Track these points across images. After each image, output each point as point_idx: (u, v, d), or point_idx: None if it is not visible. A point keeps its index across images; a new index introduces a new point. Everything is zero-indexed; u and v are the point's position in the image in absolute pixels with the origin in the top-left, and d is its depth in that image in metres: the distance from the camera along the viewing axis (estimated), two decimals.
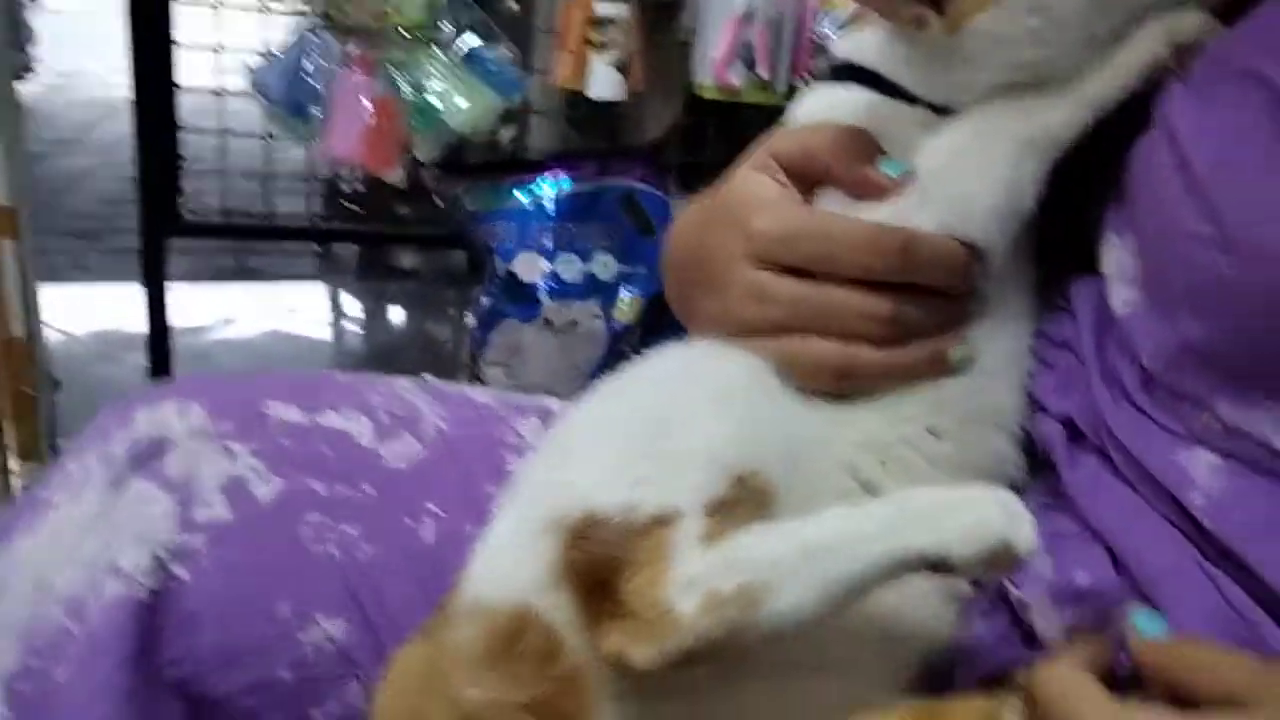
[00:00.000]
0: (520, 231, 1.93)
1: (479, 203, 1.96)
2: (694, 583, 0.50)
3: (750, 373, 0.63)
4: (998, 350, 0.64)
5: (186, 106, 2.09)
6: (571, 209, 1.94)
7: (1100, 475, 0.60)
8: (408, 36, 1.73)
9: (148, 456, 0.69)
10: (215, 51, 2.00)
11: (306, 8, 1.82)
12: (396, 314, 3.43)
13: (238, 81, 1.93)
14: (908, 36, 0.64)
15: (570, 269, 1.95)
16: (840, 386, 0.63)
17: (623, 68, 1.76)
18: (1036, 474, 0.65)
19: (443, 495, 0.72)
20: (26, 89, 5.56)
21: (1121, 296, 0.61)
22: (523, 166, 2.00)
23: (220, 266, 3.43)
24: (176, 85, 1.92)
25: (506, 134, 2.36)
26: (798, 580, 0.49)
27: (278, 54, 1.82)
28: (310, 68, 1.78)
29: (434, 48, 1.75)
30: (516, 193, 1.95)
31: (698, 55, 1.70)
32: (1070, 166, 0.63)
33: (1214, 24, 0.59)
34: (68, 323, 2.79)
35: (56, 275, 3.32)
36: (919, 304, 0.63)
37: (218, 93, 2.02)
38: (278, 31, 1.91)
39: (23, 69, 5.49)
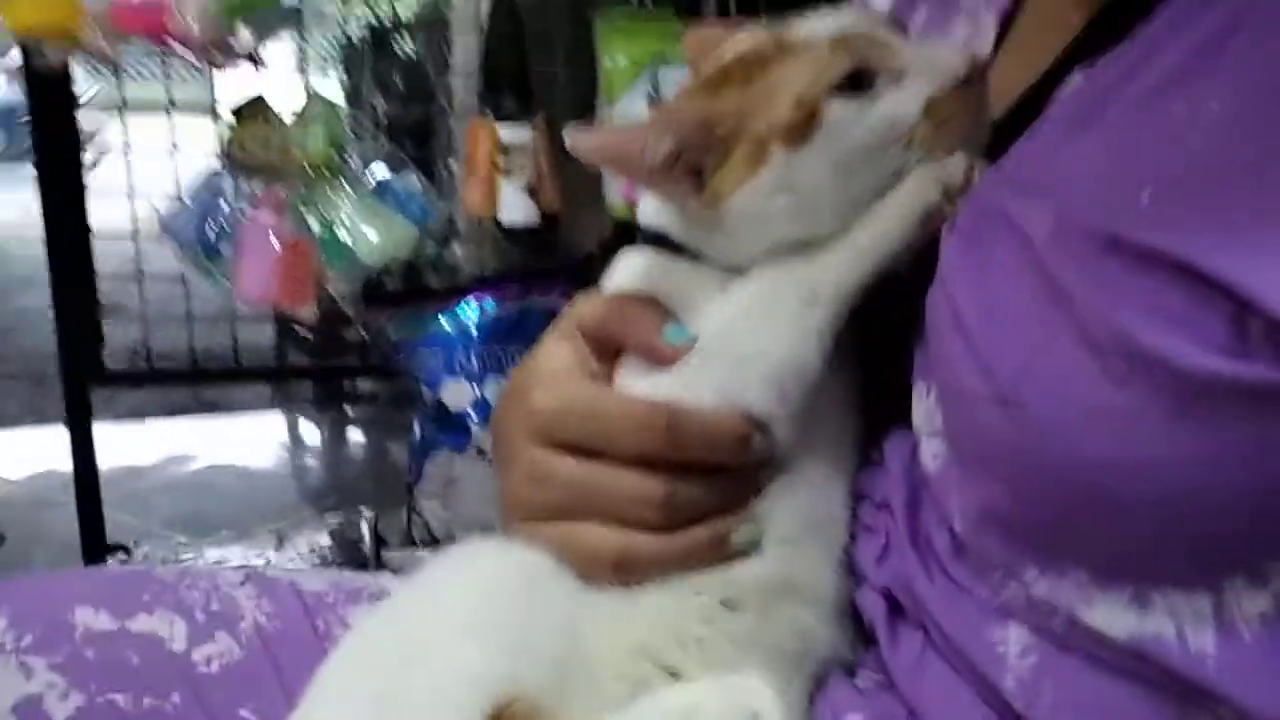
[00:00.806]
0: (446, 358, 1.90)
1: (403, 331, 1.92)
2: None
3: (519, 573, 0.59)
4: (798, 515, 0.60)
5: (109, 252, 2.08)
6: (497, 331, 1.91)
7: (924, 654, 0.56)
8: (313, 174, 1.71)
9: None
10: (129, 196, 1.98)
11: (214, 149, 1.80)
12: (355, 440, 3.39)
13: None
14: (678, 205, 0.62)
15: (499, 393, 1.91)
16: (619, 578, 0.59)
17: (533, 191, 1.73)
18: (869, 648, 0.61)
19: (258, 698, 0.68)
20: None
21: (931, 450, 0.57)
22: (445, 293, 1.97)
23: (175, 401, 3.41)
24: (90, 230, 1.90)
25: (446, 256, 2.34)
26: None
27: (186, 196, 1.80)
28: (220, 208, 1.76)
29: (341, 182, 1.73)
30: (441, 319, 1.91)
31: (607, 175, 1.68)
32: (888, 317, 0.60)
33: (983, 165, 0.56)
34: (13, 468, 2.75)
35: (6, 419, 3.31)
36: (697, 483, 0.59)
37: (131, 237, 2.00)
38: (189, 173, 1.89)
39: None
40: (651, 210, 0.65)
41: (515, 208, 1.72)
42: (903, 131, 0.57)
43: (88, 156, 1.98)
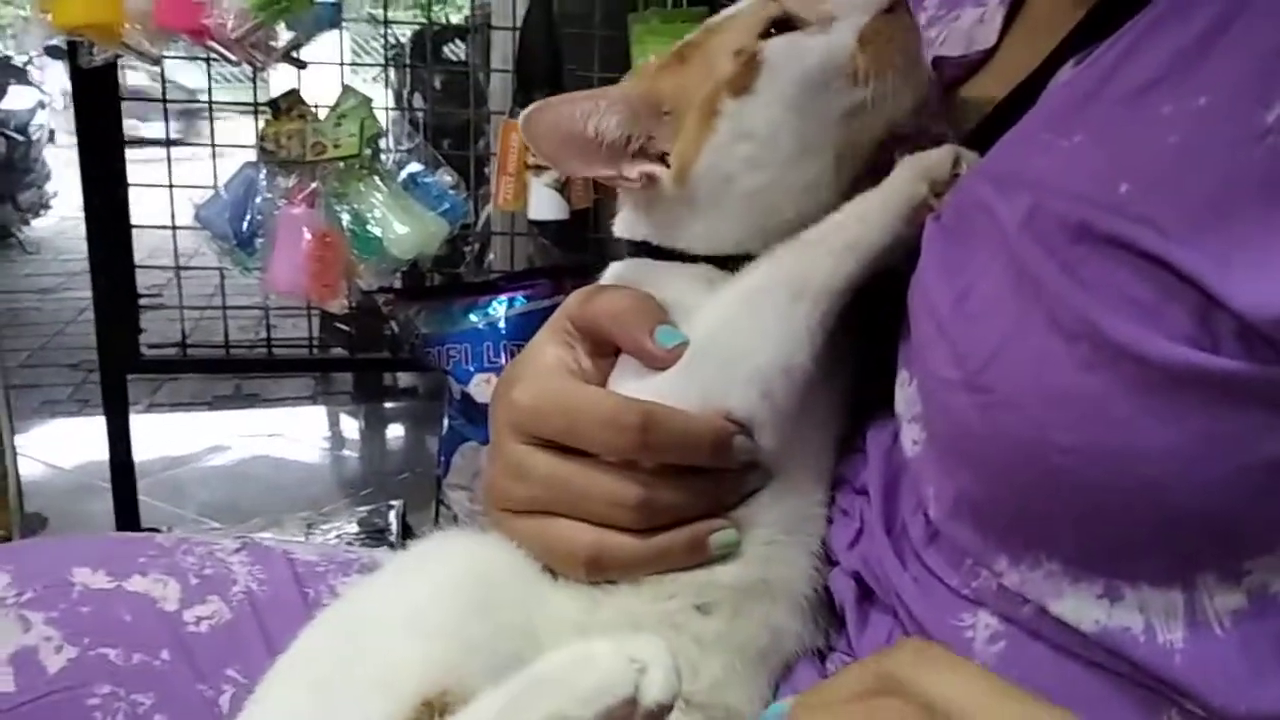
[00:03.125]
0: (474, 352, 1.92)
1: (433, 325, 1.95)
2: None
3: (478, 569, 0.59)
4: (780, 518, 0.60)
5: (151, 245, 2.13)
6: (524, 327, 1.92)
7: (892, 638, 0.56)
8: (345, 168, 1.74)
9: None
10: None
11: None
12: (394, 433, 3.43)
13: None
14: (649, 202, 0.62)
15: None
16: (592, 576, 0.59)
17: (563, 187, 1.75)
18: (842, 631, 0.60)
19: (244, 659, 0.70)
20: (42, 224, 5.78)
21: (911, 436, 0.56)
22: (478, 288, 1.99)
23: (219, 394, 3.48)
24: (130, 224, 1.95)
25: (477, 253, 2.37)
26: None
27: (223, 190, 1.84)
28: (254, 201, 1.80)
29: (374, 177, 1.76)
30: (470, 314, 1.94)
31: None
32: (888, 309, 0.60)
33: (970, 155, 0.56)
34: (61, 456, 2.83)
35: (57, 409, 3.40)
36: (676, 487, 0.58)
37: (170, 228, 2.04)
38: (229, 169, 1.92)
39: (39, 206, 5.70)
40: (626, 221, 0.65)
41: (545, 204, 1.74)
42: (842, 62, 0.58)
43: None
